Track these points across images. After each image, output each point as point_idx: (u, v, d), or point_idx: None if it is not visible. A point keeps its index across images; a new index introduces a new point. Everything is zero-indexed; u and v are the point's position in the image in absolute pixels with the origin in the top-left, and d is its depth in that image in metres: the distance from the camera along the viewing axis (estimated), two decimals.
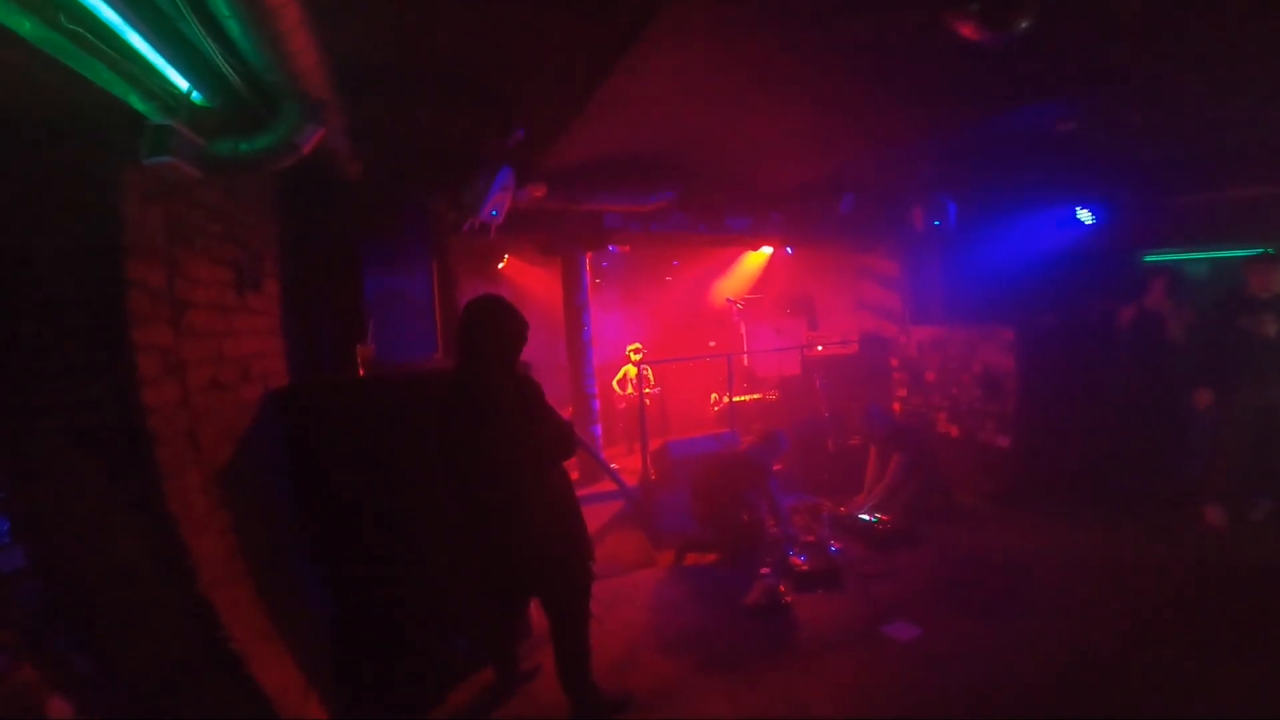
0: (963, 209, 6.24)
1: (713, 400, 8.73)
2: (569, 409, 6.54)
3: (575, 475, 4.74)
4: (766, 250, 8.29)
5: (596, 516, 5.22)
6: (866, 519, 4.80)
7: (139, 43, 1.81)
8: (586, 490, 5.86)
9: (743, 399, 8.16)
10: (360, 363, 3.78)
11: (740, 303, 8.49)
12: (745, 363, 8.99)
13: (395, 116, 3.78)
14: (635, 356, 7.95)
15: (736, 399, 7.46)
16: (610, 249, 6.55)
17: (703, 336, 10.07)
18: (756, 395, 8.48)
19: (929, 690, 2.84)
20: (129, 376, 1.91)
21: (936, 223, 6.19)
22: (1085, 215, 6.14)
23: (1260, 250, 4.37)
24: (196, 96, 2.15)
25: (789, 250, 8.13)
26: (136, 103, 1.93)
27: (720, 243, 7.66)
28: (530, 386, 2.54)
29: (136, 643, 1.96)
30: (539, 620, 2.79)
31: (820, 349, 7.85)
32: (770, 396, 8.30)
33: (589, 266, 6.57)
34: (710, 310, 10.20)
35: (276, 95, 2.39)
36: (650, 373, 8.14)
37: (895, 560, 4.26)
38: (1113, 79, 3.64)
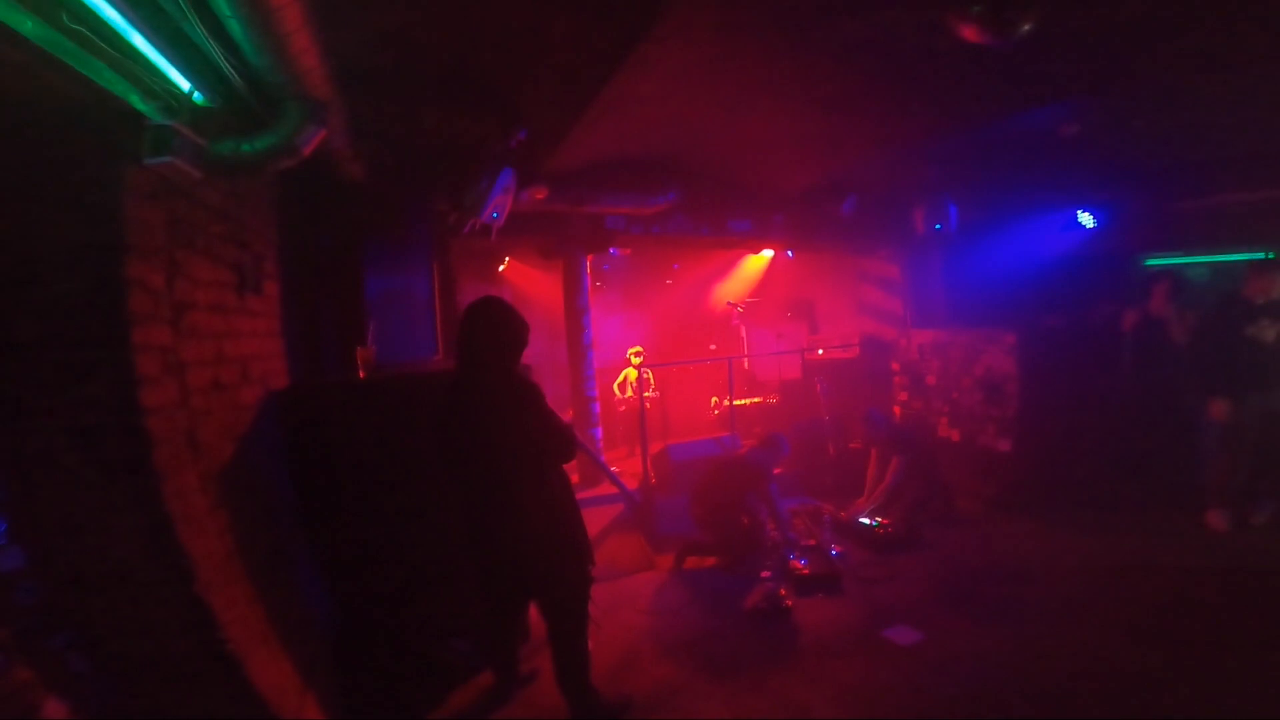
0: (964, 212, 6.24)
1: (713, 404, 8.72)
2: (569, 412, 6.53)
3: (575, 478, 4.71)
4: (767, 254, 8.29)
5: (596, 519, 5.21)
6: (867, 523, 4.78)
7: (141, 43, 1.81)
8: (586, 493, 5.85)
9: (743, 402, 8.14)
10: (361, 364, 3.77)
11: (741, 306, 8.48)
12: (746, 366, 8.98)
13: (397, 118, 3.79)
14: (636, 360, 7.94)
15: (737, 402, 7.45)
16: (611, 251, 6.55)
17: (703, 340, 10.07)
18: (757, 399, 8.47)
19: (931, 695, 2.83)
20: (128, 376, 1.91)
21: (938, 226, 6.20)
22: (1087, 219, 6.14)
23: (1261, 255, 4.37)
24: (198, 97, 2.15)
25: (789, 254, 8.13)
26: (138, 103, 1.93)
27: (722, 245, 7.65)
28: (531, 389, 2.53)
29: (133, 643, 1.95)
30: (538, 623, 2.78)
31: (821, 352, 7.85)
32: (771, 400, 8.29)
33: (590, 269, 6.57)
34: (711, 314, 10.20)
35: (278, 96, 2.39)
36: (651, 376, 8.13)
37: (896, 564, 4.25)
38: (1117, 82, 3.64)
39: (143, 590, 1.93)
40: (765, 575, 4.02)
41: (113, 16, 1.68)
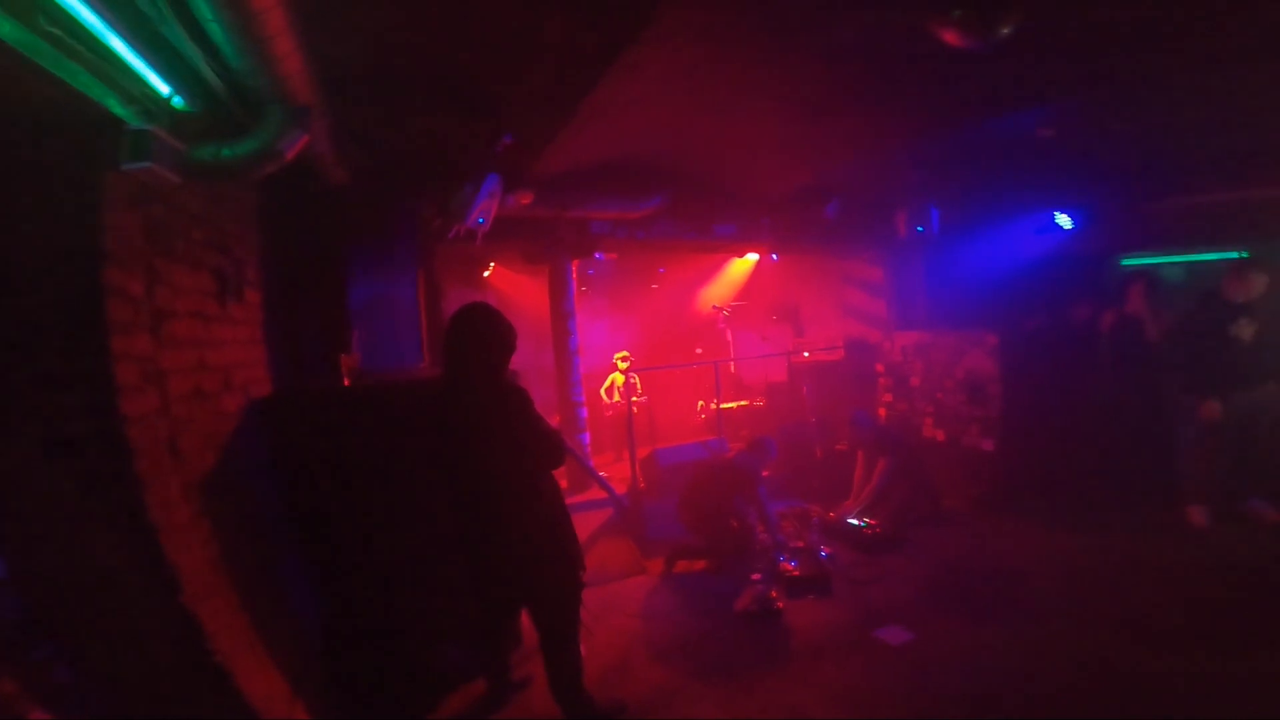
0: (946, 215, 6.32)
1: (699, 407, 8.74)
2: (556, 417, 6.51)
3: (564, 483, 4.68)
4: (752, 257, 8.33)
5: (585, 525, 5.19)
6: (855, 524, 4.81)
7: (119, 46, 1.78)
8: (575, 498, 5.83)
9: (730, 406, 8.17)
10: (345, 372, 3.73)
11: (726, 310, 8.51)
12: (732, 369, 9.00)
13: (382, 122, 3.76)
14: (622, 365, 7.94)
15: (724, 406, 7.47)
16: (597, 256, 6.54)
17: (689, 344, 10.09)
18: (744, 402, 8.50)
19: (924, 694, 2.84)
20: (108, 385, 1.88)
21: (920, 229, 6.27)
22: (1064, 220, 6.24)
23: (1234, 254, 4.46)
24: (178, 101, 2.12)
25: (774, 257, 8.18)
26: (116, 107, 1.90)
27: (708, 249, 7.68)
28: (519, 395, 2.52)
29: (119, 653, 1.92)
30: (530, 629, 2.76)
31: (806, 355, 7.89)
32: (757, 403, 8.32)
33: (575, 274, 6.56)
34: (696, 317, 10.23)
35: (260, 100, 2.36)
36: (637, 380, 8.12)
37: (885, 565, 4.28)
38: (1096, 85, 3.71)
39: (127, 601, 1.89)
40: (755, 577, 4.02)
41: (90, 20, 1.65)
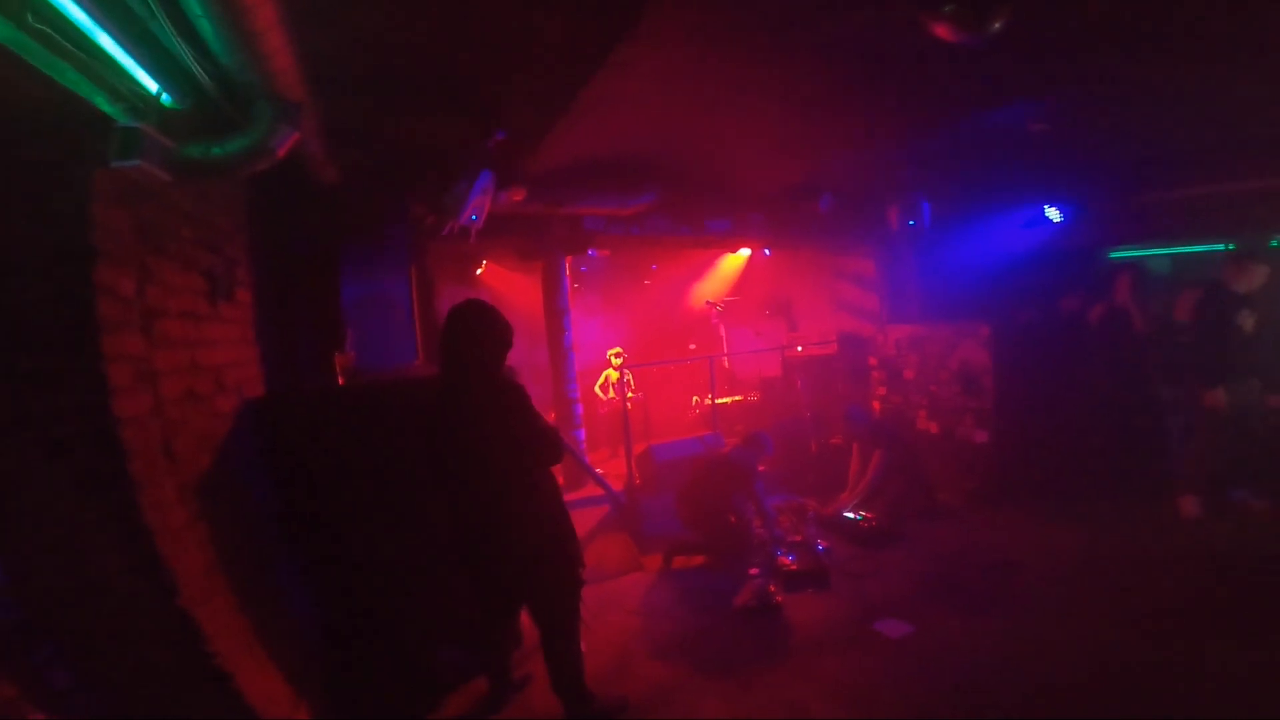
0: (937, 209, 6.35)
1: (694, 403, 8.74)
2: (552, 414, 6.49)
3: (560, 480, 4.67)
4: (745, 252, 8.34)
5: (583, 521, 5.17)
6: (851, 517, 4.83)
7: (107, 43, 1.75)
8: (571, 495, 5.81)
9: (724, 401, 8.18)
10: (339, 371, 3.70)
11: (720, 305, 8.52)
12: (726, 365, 9.02)
13: (373, 119, 3.73)
14: (616, 361, 7.93)
15: (718, 401, 7.48)
16: (590, 252, 6.52)
17: (683, 339, 10.09)
18: (738, 397, 8.51)
19: (924, 687, 2.85)
20: (100, 386, 1.85)
21: (911, 222, 6.29)
22: (1054, 213, 6.28)
23: (1220, 246, 4.49)
24: (167, 98, 2.09)
25: (767, 252, 8.19)
26: (104, 104, 1.87)
27: (701, 244, 7.67)
28: (516, 391, 2.50)
29: (116, 656, 1.90)
30: (530, 628, 2.75)
31: (800, 350, 7.90)
32: (752, 398, 8.33)
33: (569, 270, 6.53)
34: (690, 313, 10.23)
35: (250, 97, 2.33)
36: (631, 377, 8.12)
37: (882, 558, 4.30)
38: (1084, 80, 3.73)
39: (125, 603, 1.87)
40: (753, 572, 4.03)
41: (78, 16, 1.62)
